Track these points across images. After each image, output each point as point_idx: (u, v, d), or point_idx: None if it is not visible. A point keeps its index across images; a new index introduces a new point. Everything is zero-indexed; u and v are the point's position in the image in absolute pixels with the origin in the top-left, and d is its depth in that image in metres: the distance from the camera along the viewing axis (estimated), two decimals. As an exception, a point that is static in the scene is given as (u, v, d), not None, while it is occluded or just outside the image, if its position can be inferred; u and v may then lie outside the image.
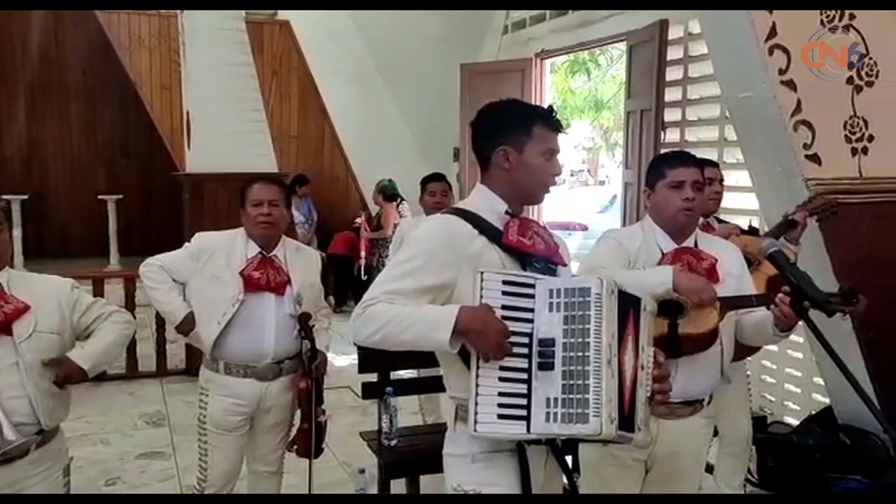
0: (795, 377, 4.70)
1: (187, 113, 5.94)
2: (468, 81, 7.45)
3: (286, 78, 9.16)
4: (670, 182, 2.36)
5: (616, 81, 13.02)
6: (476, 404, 1.72)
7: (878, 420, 1.70)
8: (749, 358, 3.41)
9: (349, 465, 4.16)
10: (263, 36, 8.98)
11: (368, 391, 3.33)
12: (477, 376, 1.74)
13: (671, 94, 5.46)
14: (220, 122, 5.66)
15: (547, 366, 1.72)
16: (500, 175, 1.92)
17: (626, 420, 1.73)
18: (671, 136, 5.50)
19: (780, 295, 2.08)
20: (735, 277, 2.41)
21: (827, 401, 4.15)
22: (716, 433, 3.20)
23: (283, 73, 9.11)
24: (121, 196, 9.53)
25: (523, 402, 1.72)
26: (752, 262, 3.02)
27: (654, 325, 1.92)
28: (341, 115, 9.21)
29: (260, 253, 2.87)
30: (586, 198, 13.35)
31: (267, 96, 8.46)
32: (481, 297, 1.75)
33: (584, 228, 11.11)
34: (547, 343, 1.72)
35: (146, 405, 5.37)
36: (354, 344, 2.82)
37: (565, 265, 1.99)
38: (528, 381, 1.73)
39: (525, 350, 1.74)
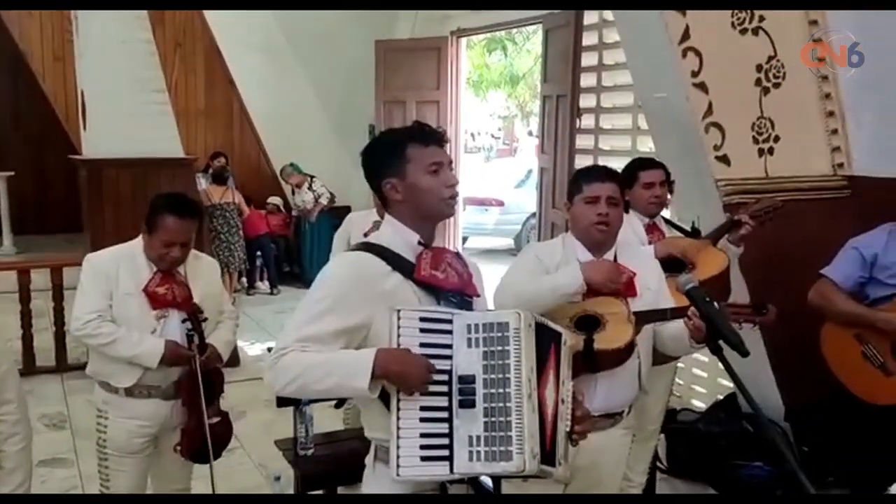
0: (702, 362, 4.86)
1: (81, 93, 5.56)
2: (383, 58, 7.29)
3: (190, 49, 8.71)
4: (586, 197, 2.40)
5: (532, 55, 13.05)
6: (398, 447, 1.68)
7: (757, 413, 1.76)
8: (680, 363, 3.47)
9: (265, 467, 4.06)
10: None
11: (283, 399, 3.22)
12: (398, 418, 1.69)
13: (586, 80, 5.46)
14: (119, 104, 5.31)
15: (468, 403, 1.69)
16: (399, 207, 1.87)
17: (548, 454, 1.73)
18: (586, 121, 5.52)
19: (692, 309, 2.12)
20: (653, 292, 2.45)
21: (732, 385, 4.32)
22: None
23: (188, 45, 8.66)
24: (12, 173, 8.92)
25: (445, 441, 1.69)
26: (685, 266, 3.07)
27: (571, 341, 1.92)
28: (251, 89, 8.85)
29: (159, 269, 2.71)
30: (502, 171, 13.37)
31: (170, 69, 8.08)
32: (398, 335, 1.71)
33: (501, 204, 11.13)
34: (467, 380, 1.70)
35: (46, 405, 5.06)
36: None
37: (479, 296, 1.95)
38: (450, 420, 1.70)
39: (445, 388, 1.71)
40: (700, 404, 4.67)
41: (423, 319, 1.73)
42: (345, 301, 1.74)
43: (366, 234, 3.66)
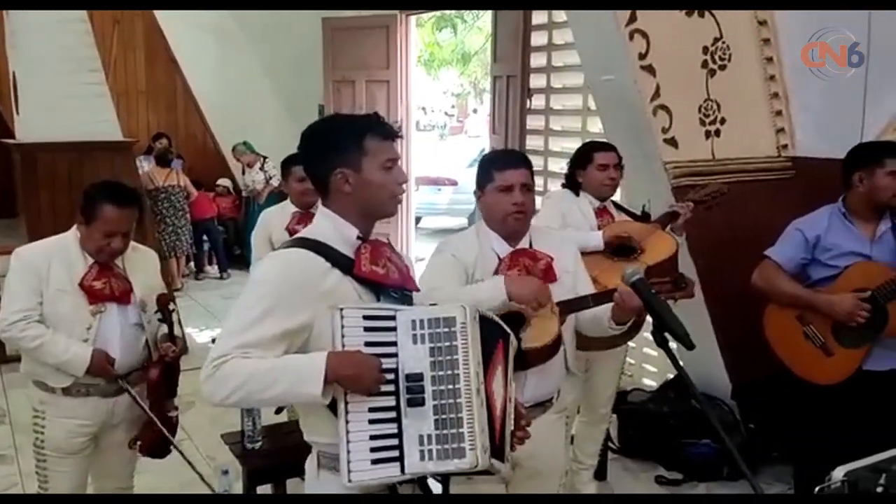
0: (653, 341, 4.91)
1: (13, 74, 5.30)
2: (331, 37, 7.12)
3: (129, 26, 8.39)
4: (499, 185, 2.33)
5: (483, 33, 12.98)
6: (348, 452, 1.62)
7: (696, 397, 1.78)
8: (632, 343, 3.50)
9: (213, 458, 3.97)
10: (101, -21, 8.15)
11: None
12: (347, 422, 1.64)
13: (536, 60, 5.43)
14: (53, 86, 5.08)
15: (417, 402, 1.65)
16: (344, 199, 1.77)
17: (497, 449, 1.71)
18: (537, 102, 5.49)
19: (621, 291, 2.13)
20: (571, 274, 2.43)
21: (681, 363, 4.38)
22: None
23: (126, 22, 8.33)
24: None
25: (395, 442, 1.65)
26: (635, 250, 3.09)
27: None
28: (195, 68, 8.59)
29: (97, 262, 2.60)
30: (455, 150, 13.32)
31: (109, 47, 7.77)
32: (343, 335, 1.65)
33: (454, 183, 11.08)
34: (415, 378, 1.66)
35: (-17, 399, 4.90)
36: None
37: (418, 290, 1.90)
38: (398, 420, 1.66)
39: (392, 387, 1.66)
40: (651, 383, 4.74)
41: (366, 317, 1.67)
42: (285, 302, 1.66)
43: (287, 229, 3.59)
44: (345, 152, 1.75)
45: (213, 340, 1.73)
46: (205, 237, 8.25)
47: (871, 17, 3.34)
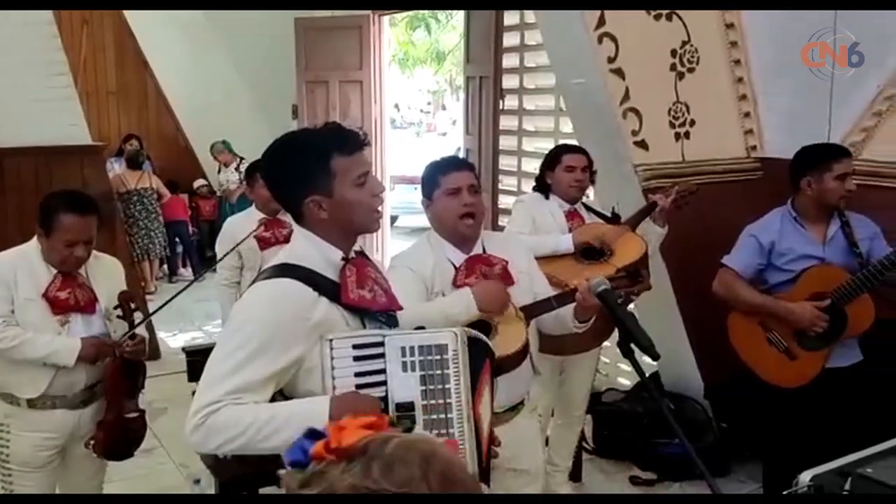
0: (626, 340, 4.93)
1: (-23, 77, 5.19)
2: (304, 36, 7.07)
3: (98, 26, 8.26)
4: (447, 189, 2.32)
5: (458, 31, 12.99)
6: None
7: (659, 402, 1.79)
8: (606, 343, 3.52)
9: (186, 466, 3.93)
10: (69, -21, 8.02)
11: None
12: None
13: (509, 61, 5.43)
14: (20, 90, 4.97)
15: (408, 432, 1.63)
16: (322, 224, 1.69)
17: (484, 472, 1.71)
18: (510, 102, 5.50)
19: (581, 290, 2.13)
20: (526, 274, 2.43)
21: (655, 363, 4.41)
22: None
23: (95, 22, 8.20)
24: None
25: None
26: (604, 253, 3.10)
27: None
28: (166, 68, 8.48)
29: (60, 271, 2.56)
30: (432, 149, 13.28)
31: (78, 48, 7.67)
32: (332, 367, 1.61)
33: (430, 182, 11.01)
34: (406, 407, 1.63)
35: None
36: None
37: (402, 308, 1.86)
38: None
39: None
40: (626, 382, 4.75)
41: (356, 346, 1.63)
42: (275, 342, 1.58)
43: (256, 236, 3.58)
44: (313, 179, 1.66)
45: (184, 349, 1.68)
46: (177, 239, 8.16)
47: (836, 18, 3.38)
